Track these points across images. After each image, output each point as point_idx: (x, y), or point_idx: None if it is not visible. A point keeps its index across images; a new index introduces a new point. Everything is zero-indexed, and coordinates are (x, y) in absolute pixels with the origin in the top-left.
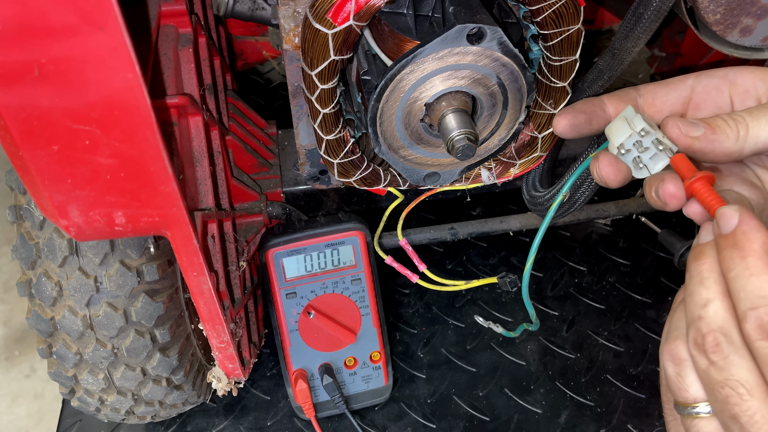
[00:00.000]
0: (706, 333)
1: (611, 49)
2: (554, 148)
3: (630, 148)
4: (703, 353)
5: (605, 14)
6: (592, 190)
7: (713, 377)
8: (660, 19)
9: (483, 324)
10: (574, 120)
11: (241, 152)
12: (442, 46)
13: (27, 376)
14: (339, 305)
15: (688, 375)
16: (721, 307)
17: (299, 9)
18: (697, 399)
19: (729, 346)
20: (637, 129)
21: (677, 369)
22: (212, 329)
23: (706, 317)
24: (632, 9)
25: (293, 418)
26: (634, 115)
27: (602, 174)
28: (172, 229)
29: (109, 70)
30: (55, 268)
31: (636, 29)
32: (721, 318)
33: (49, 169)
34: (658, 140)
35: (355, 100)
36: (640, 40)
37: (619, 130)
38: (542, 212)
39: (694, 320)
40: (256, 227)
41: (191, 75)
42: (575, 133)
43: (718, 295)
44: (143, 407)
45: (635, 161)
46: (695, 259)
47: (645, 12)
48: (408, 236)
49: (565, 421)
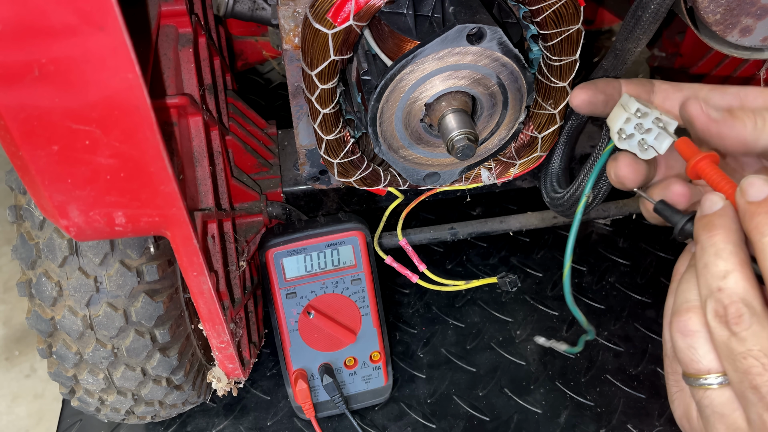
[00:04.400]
0: (728, 304)
1: (614, 49)
2: (568, 147)
3: (632, 132)
4: (724, 324)
5: (605, 14)
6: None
7: (734, 348)
8: (659, 21)
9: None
10: (593, 98)
11: (241, 152)
12: (442, 46)
13: (27, 376)
14: (339, 305)
15: (701, 346)
16: (741, 277)
17: (299, 9)
18: (710, 370)
19: (751, 317)
20: (632, 110)
21: (689, 341)
22: (212, 329)
23: (727, 288)
24: (631, 11)
25: (293, 418)
26: (629, 99)
27: (620, 174)
28: (172, 229)
29: (109, 70)
30: (55, 268)
31: (635, 31)
32: (742, 289)
33: (49, 169)
34: (658, 119)
35: (355, 100)
36: (641, 41)
37: (616, 116)
38: (564, 212)
39: (714, 292)
40: (256, 227)
41: (191, 75)
42: (589, 110)
43: (737, 265)
44: (143, 407)
45: (640, 144)
46: (706, 230)
47: (643, 14)
48: (408, 236)
49: (565, 421)
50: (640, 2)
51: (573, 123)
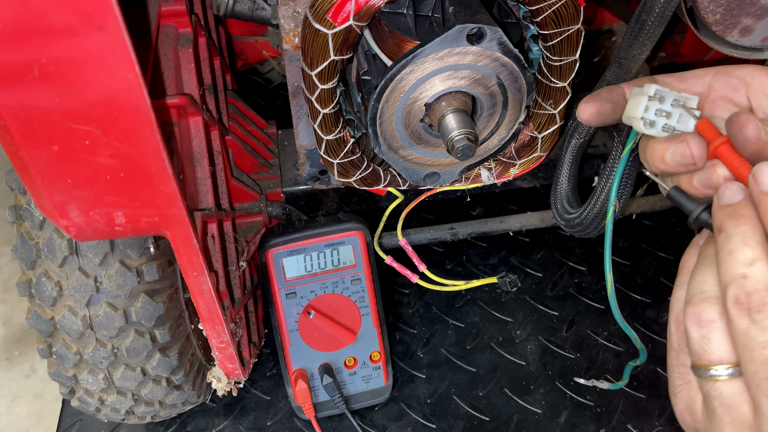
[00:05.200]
0: (752, 292)
1: (617, 58)
2: (574, 166)
3: (653, 118)
4: (745, 312)
5: (605, 14)
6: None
7: (754, 338)
8: (663, 24)
9: (587, 383)
10: (601, 108)
11: (241, 152)
12: (442, 46)
13: (27, 376)
14: (339, 305)
15: (715, 337)
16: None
17: (299, 9)
18: (722, 360)
19: None
20: (651, 93)
21: (703, 331)
22: (212, 329)
23: (753, 276)
24: (635, 16)
25: (293, 418)
26: (646, 85)
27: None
28: (172, 229)
29: (109, 70)
30: (55, 268)
31: (640, 36)
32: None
33: (49, 169)
34: (677, 100)
35: (355, 100)
36: (646, 47)
37: (635, 106)
38: (583, 231)
39: (737, 279)
40: (256, 227)
41: (191, 75)
42: (599, 122)
43: (764, 255)
44: (143, 407)
45: (665, 129)
46: (732, 219)
47: (648, 18)
48: (408, 236)
49: (565, 421)
50: (644, 6)
51: (576, 142)
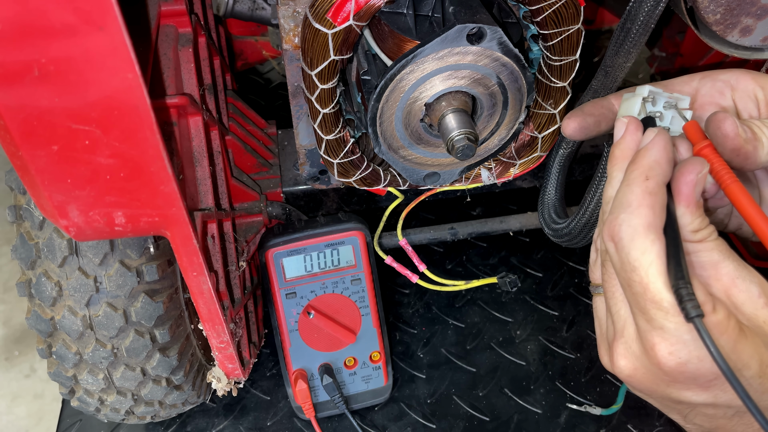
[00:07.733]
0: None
1: (603, 67)
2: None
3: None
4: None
5: (605, 14)
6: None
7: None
8: (648, 32)
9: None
10: (583, 122)
11: (241, 152)
12: (442, 46)
13: (27, 376)
14: (339, 305)
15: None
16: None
17: (299, 9)
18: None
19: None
20: (645, 93)
21: (594, 255)
22: (212, 329)
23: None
24: (620, 24)
25: (293, 418)
26: (639, 88)
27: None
28: (172, 229)
29: (109, 70)
30: (54, 268)
31: (625, 44)
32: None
33: (49, 169)
34: (668, 102)
35: (355, 100)
36: (631, 55)
37: (629, 108)
38: (570, 241)
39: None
40: (256, 227)
41: (191, 75)
42: (584, 135)
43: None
44: (143, 407)
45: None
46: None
47: (633, 26)
48: (408, 236)
49: (565, 421)
50: (629, 14)
51: (564, 152)
